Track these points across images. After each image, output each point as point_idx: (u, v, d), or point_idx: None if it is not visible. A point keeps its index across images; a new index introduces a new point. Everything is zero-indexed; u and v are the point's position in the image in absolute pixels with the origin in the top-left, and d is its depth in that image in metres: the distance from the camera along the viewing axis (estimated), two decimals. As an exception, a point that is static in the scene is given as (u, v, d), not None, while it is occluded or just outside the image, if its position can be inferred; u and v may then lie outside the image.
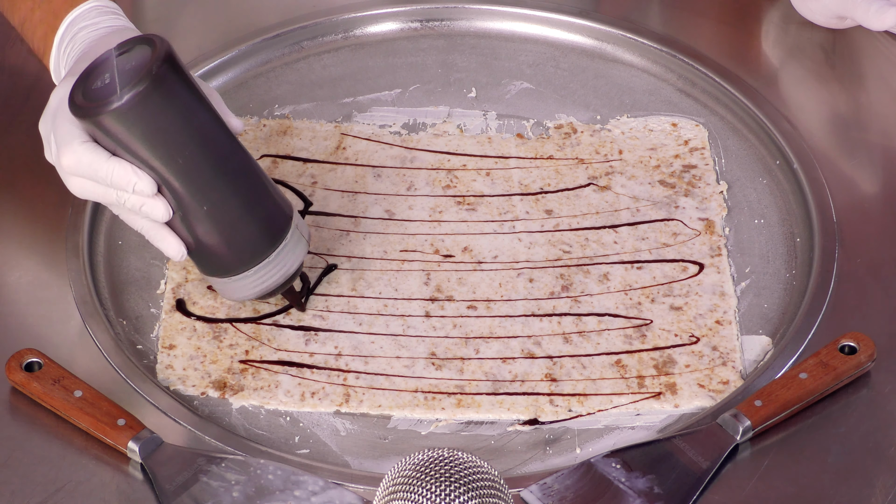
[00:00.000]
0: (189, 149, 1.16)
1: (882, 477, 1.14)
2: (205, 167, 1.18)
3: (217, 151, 1.18)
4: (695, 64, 1.48)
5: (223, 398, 1.23)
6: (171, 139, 1.15)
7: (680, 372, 1.25)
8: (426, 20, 1.54)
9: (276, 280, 1.24)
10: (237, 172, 1.20)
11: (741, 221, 1.36)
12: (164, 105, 1.14)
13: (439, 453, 1.03)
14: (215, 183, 1.18)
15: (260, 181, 1.22)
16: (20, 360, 1.20)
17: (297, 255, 1.24)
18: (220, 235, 1.20)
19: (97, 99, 1.14)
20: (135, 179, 1.16)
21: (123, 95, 1.13)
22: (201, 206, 1.18)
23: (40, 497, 1.13)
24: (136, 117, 1.14)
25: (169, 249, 1.20)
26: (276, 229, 1.22)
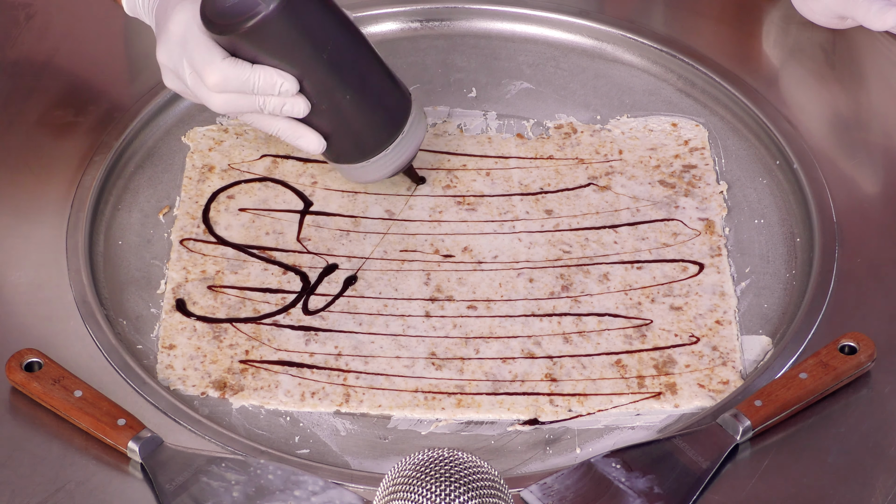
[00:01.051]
0: (332, 42, 1.25)
1: (882, 477, 1.14)
2: (345, 58, 1.26)
3: (353, 43, 1.27)
4: (695, 64, 1.48)
5: (223, 398, 1.23)
6: (314, 39, 1.24)
7: (680, 372, 1.25)
8: (426, 20, 1.54)
9: (408, 155, 1.33)
10: (369, 60, 1.29)
11: (741, 221, 1.36)
12: (304, 8, 1.22)
13: (439, 453, 1.03)
14: (354, 71, 1.27)
15: (384, 65, 1.31)
16: (20, 360, 1.20)
17: (422, 128, 1.34)
18: (360, 121, 1.30)
19: (237, 14, 1.21)
20: (280, 81, 1.23)
21: (269, 3, 1.19)
22: (344, 95, 1.27)
23: (40, 497, 1.13)
24: (286, 22, 1.21)
25: (309, 145, 1.28)
26: (402, 108, 1.32)
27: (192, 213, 1.36)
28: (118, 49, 1.50)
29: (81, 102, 1.44)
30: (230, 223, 1.36)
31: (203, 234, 1.35)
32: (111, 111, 1.43)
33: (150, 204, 1.37)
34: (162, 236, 1.35)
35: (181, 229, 1.35)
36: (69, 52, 1.50)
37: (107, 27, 1.51)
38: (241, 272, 1.32)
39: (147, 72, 1.46)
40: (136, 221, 1.36)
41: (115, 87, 1.45)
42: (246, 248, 1.34)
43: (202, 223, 1.36)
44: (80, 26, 1.52)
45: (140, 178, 1.39)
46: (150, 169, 1.40)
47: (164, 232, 1.35)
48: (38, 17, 1.52)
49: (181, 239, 1.34)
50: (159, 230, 1.35)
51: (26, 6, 1.53)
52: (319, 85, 1.26)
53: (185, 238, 1.34)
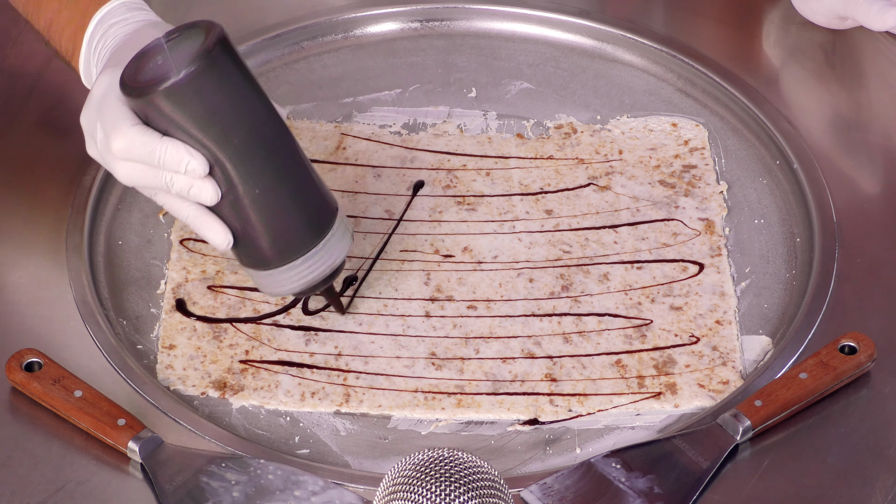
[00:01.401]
0: (244, 128, 1.16)
1: (882, 477, 1.14)
2: (259, 148, 1.17)
3: (270, 133, 1.18)
4: (695, 64, 1.48)
5: (223, 398, 1.23)
6: (227, 118, 1.15)
7: (680, 372, 1.25)
8: (426, 20, 1.54)
9: (322, 272, 1.22)
10: (289, 156, 1.19)
11: (741, 221, 1.36)
12: (221, 82, 1.15)
13: (439, 453, 1.03)
14: (268, 165, 1.18)
15: (308, 168, 1.21)
16: (20, 360, 1.20)
17: (342, 247, 1.23)
18: (270, 221, 1.19)
19: (152, 79, 1.14)
20: (188, 158, 1.15)
21: (181, 71, 1.13)
22: (254, 188, 1.17)
23: (40, 497, 1.13)
24: (195, 93, 1.14)
25: (216, 237, 1.19)
26: (323, 218, 1.21)
27: (192, 213, 1.36)
28: (118, 49, 1.50)
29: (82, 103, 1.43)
30: (230, 223, 1.36)
31: (203, 234, 1.35)
32: (111, 111, 1.42)
33: (150, 204, 1.37)
34: (162, 236, 1.35)
35: (181, 229, 1.35)
36: (69, 52, 1.50)
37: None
38: (241, 272, 1.32)
39: (147, 72, 1.46)
40: (136, 221, 1.36)
41: (115, 87, 1.45)
42: (245, 252, 1.34)
43: (202, 223, 1.36)
44: (80, 26, 1.52)
45: (140, 178, 1.39)
46: (150, 169, 1.40)
47: (164, 232, 1.35)
48: (38, 17, 1.52)
49: (181, 239, 1.34)
50: (159, 230, 1.35)
51: (26, 6, 1.53)
52: (229, 170, 1.16)
53: (185, 238, 1.34)
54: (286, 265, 1.21)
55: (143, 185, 1.19)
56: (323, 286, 1.24)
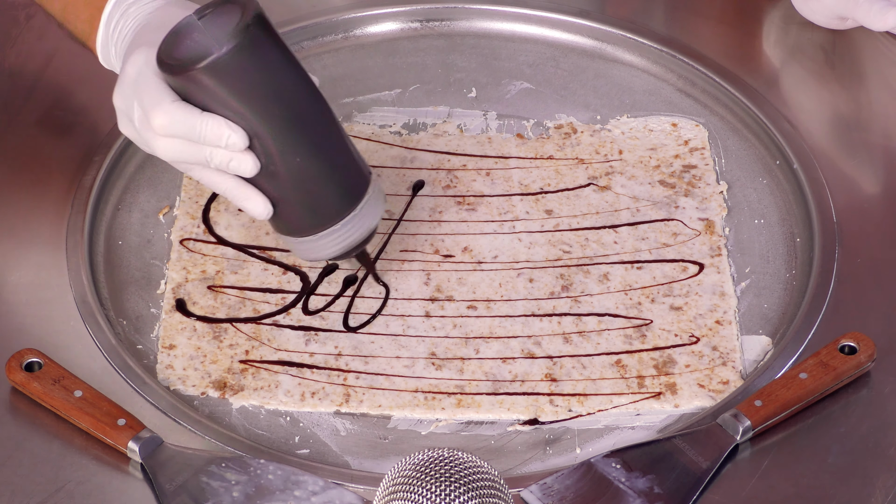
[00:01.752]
0: (284, 101, 1.17)
1: (882, 477, 1.14)
2: (299, 119, 1.18)
3: (309, 104, 1.19)
4: (695, 64, 1.48)
5: (223, 398, 1.23)
6: (268, 91, 1.16)
7: (680, 372, 1.25)
8: (426, 20, 1.54)
9: (359, 236, 1.23)
10: (327, 125, 1.20)
11: (741, 221, 1.36)
12: (261, 57, 1.15)
13: (439, 453, 1.03)
14: (307, 135, 1.19)
15: (344, 137, 1.22)
16: (20, 360, 1.20)
17: (377, 211, 1.24)
18: (309, 190, 1.20)
19: (190, 56, 1.15)
20: (228, 132, 1.16)
21: (223, 46, 1.13)
22: (294, 157, 1.18)
23: (40, 497, 1.13)
24: (237, 68, 1.14)
25: (255, 208, 1.20)
26: (359, 184, 1.22)
27: (192, 213, 1.36)
28: (118, 49, 1.50)
29: (81, 102, 1.44)
30: (230, 223, 1.36)
31: (203, 234, 1.35)
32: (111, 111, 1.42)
33: (150, 204, 1.37)
34: (162, 236, 1.35)
35: (181, 229, 1.35)
36: (69, 52, 1.50)
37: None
38: (241, 272, 1.32)
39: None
40: (136, 221, 1.36)
41: (115, 87, 1.45)
42: (246, 248, 1.34)
43: (202, 223, 1.36)
44: (80, 26, 1.52)
45: (140, 178, 1.39)
46: (150, 169, 1.40)
47: (164, 232, 1.35)
48: (38, 17, 1.52)
49: (181, 239, 1.34)
50: (159, 230, 1.35)
51: (26, 6, 1.53)
52: (269, 142, 1.17)
53: (185, 238, 1.34)
54: (324, 231, 1.22)
55: (183, 161, 1.19)
56: (358, 251, 1.25)
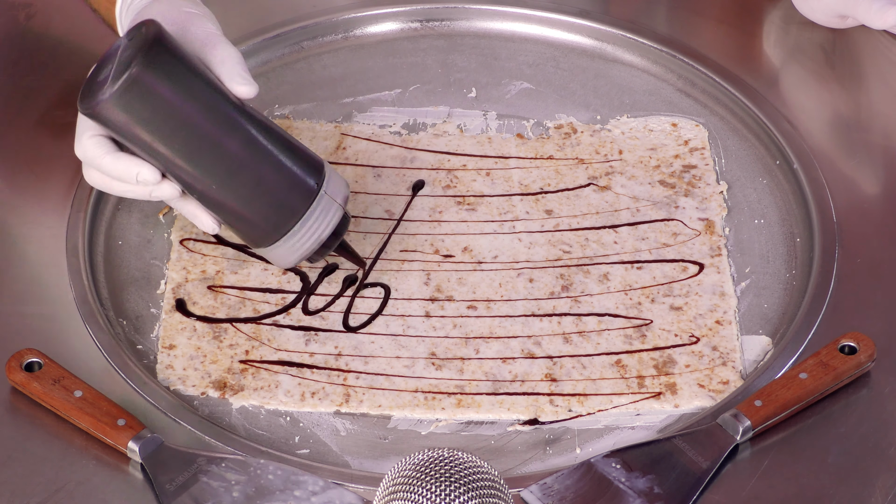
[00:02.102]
0: (184, 132, 1.17)
1: (882, 477, 1.14)
2: (204, 148, 1.18)
3: (216, 130, 1.18)
4: (695, 64, 1.48)
5: (223, 398, 1.23)
6: (163, 126, 1.16)
7: (680, 372, 1.25)
8: (426, 20, 1.54)
9: (319, 236, 1.24)
10: (243, 147, 1.20)
11: (741, 221, 1.36)
12: (150, 94, 1.15)
13: (439, 453, 1.03)
14: (218, 162, 1.19)
15: (276, 141, 1.21)
16: (20, 360, 1.20)
17: (329, 219, 1.24)
18: (238, 211, 1.22)
19: (96, 92, 1.16)
20: (136, 170, 1.18)
21: (107, 89, 1.14)
22: (209, 185, 1.20)
23: (40, 497, 1.13)
24: (125, 109, 1.15)
25: (202, 225, 1.23)
26: (305, 183, 1.22)
27: (192, 213, 1.36)
28: (118, 49, 1.50)
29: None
30: (230, 223, 1.36)
31: (203, 234, 1.35)
32: (111, 111, 1.43)
33: (150, 204, 1.37)
34: (162, 236, 1.35)
35: (181, 229, 1.35)
36: (69, 52, 1.50)
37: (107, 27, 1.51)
38: (241, 272, 1.32)
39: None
40: (136, 221, 1.36)
41: (115, 87, 1.45)
42: (246, 248, 1.34)
43: (202, 223, 1.36)
44: (80, 26, 1.52)
45: (140, 178, 1.39)
46: (150, 169, 1.40)
47: (164, 232, 1.35)
48: (38, 17, 1.52)
49: (181, 239, 1.34)
50: (159, 230, 1.35)
51: (26, 6, 1.53)
52: (179, 174, 1.19)
53: (185, 238, 1.34)
54: (282, 238, 1.23)
55: (106, 191, 1.23)
56: (333, 245, 1.25)
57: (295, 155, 1.23)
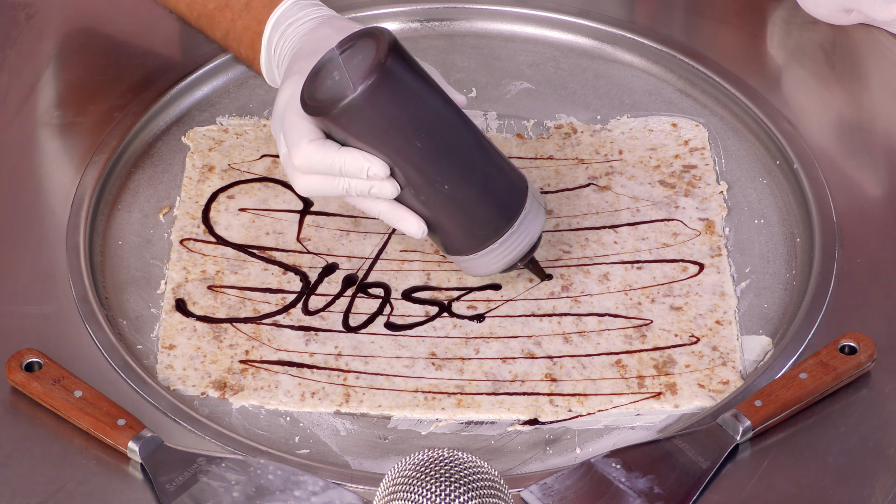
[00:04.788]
0: (426, 132, 1.18)
1: (882, 477, 1.14)
2: (443, 148, 1.19)
3: (452, 130, 1.20)
4: (695, 64, 1.48)
5: (223, 398, 1.23)
6: (407, 125, 1.17)
7: (680, 372, 1.25)
8: (426, 20, 1.54)
9: (522, 249, 1.24)
10: (473, 148, 1.21)
11: (741, 221, 1.36)
12: (397, 93, 1.16)
13: (439, 453, 1.03)
14: (454, 162, 1.19)
15: (494, 154, 1.23)
16: (20, 360, 1.20)
17: (538, 222, 1.25)
18: (463, 213, 1.22)
19: (330, 96, 1.16)
20: (367, 164, 1.18)
21: (357, 87, 1.14)
22: (442, 186, 1.19)
23: (40, 497, 1.13)
24: (372, 109, 1.15)
25: (410, 229, 1.22)
26: (514, 198, 1.23)
27: (192, 213, 1.36)
28: (118, 49, 1.50)
29: (81, 102, 1.44)
30: (230, 223, 1.36)
31: (203, 234, 1.35)
32: (111, 111, 1.43)
33: (150, 204, 1.37)
34: (162, 236, 1.35)
35: (181, 229, 1.35)
36: (69, 52, 1.50)
37: (107, 27, 1.51)
38: (241, 272, 1.32)
39: (146, 72, 1.46)
40: (136, 221, 1.36)
41: (116, 87, 1.45)
42: (246, 248, 1.34)
43: (202, 223, 1.36)
44: (79, 26, 1.52)
45: (140, 178, 1.39)
46: (150, 169, 1.40)
47: (164, 232, 1.35)
48: (38, 17, 1.52)
49: (181, 239, 1.34)
50: (159, 230, 1.35)
51: (26, 6, 1.53)
52: (413, 173, 1.19)
53: (185, 238, 1.34)
54: (484, 249, 1.23)
55: (322, 195, 1.22)
56: (525, 260, 1.26)
57: (505, 159, 1.24)
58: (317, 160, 1.19)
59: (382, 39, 1.16)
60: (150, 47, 1.42)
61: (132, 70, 1.48)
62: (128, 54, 1.49)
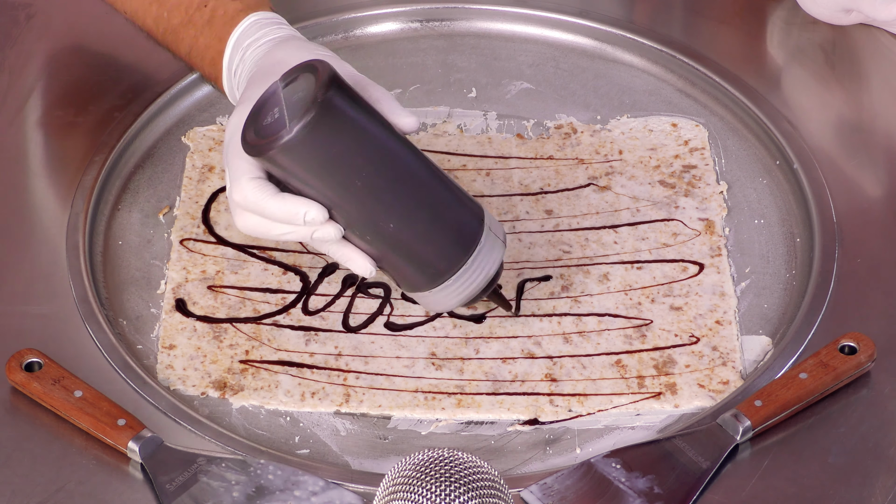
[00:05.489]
0: (366, 170, 1.13)
1: (882, 477, 1.14)
2: (385, 185, 1.14)
3: (396, 166, 1.15)
4: (695, 64, 1.48)
5: (223, 398, 1.23)
6: (345, 165, 1.13)
7: (680, 372, 1.25)
8: (426, 20, 1.54)
9: (479, 285, 1.20)
10: (419, 183, 1.16)
11: (741, 221, 1.36)
12: (334, 132, 1.11)
13: (439, 453, 1.03)
14: (398, 199, 1.15)
15: (445, 187, 1.18)
16: (20, 360, 1.20)
17: (495, 255, 1.20)
18: (411, 251, 1.18)
19: (268, 135, 1.11)
20: (304, 210, 1.14)
21: (293, 128, 1.10)
22: (387, 224, 1.15)
23: (40, 497, 1.13)
24: (309, 149, 1.11)
25: (357, 269, 1.18)
26: (468, 233, 1.19)
27: (192, 213, 1.36)
28: (118, 49, 1.50)
29: (81, 102, 1.44)
30: (230, 223, 1.36)
31: (203, 234, 1.35)
32: (111, 111, 1.43)
33: (150, 204, 1.37)
34: (162, 236, 1.35)
35: (181, 229, 1.35)
36: (69, 52, 1.50)
37: (107, 27, 1.51)
38: (241, 272, 1.32)
39: (147, 72, 1.46)
40: (136, 221, 1.36)
41: (116, 87, 1.45)
42: (246, 248, 1.34)
43: (202, 223, 1.36)
44: (80, 26, 1.52)
45: (140, 178, 1.39)
46: (150, 169, 1.40)
47: (164, 232, 1.35)
48: (38, 17, 1.52)
49: (181, 239, 1.34)
50: (159, 230, 1.35)
51: (26, 6, 1.53)
52: (355, 213, 1.15)
53: (185, 238, 1.34)
54: (437, 287, 1.20)
55: (263, 236, 1.18)
56: (483, 295, 1.22)
57: (458, 190, 1.20)
58: (252, 200, 1.15)
59: (320, 74, 1.11)
60: (151, 47, 1.42)
61: (132, 70, 1.48)
62: (128, 54, 1.49)
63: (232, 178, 1.17)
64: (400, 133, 1.17)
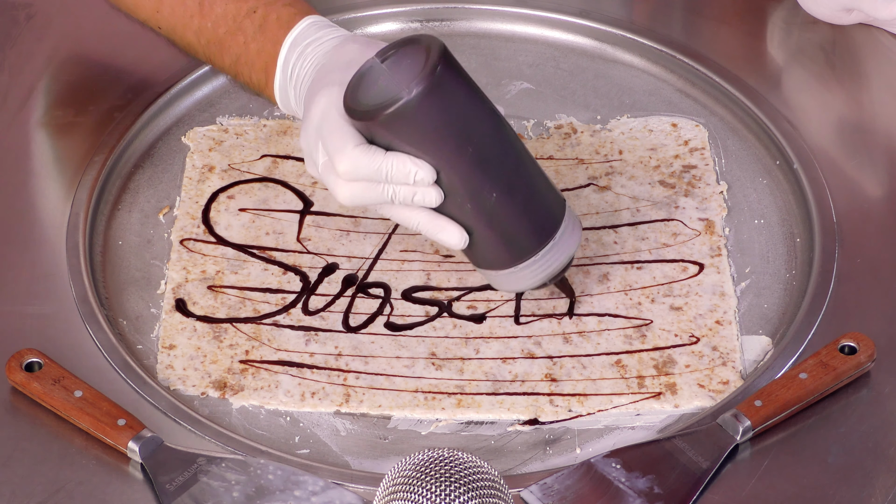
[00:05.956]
0: (476, 139, 1.15)
1: (882, 477, 1.14)
2: (492, 157, 1.17)
3: (500, 140, 1.17)
4: (695, 64, 1.48)
5: (223, 398, 1.23)
6: (458, 132, 1.15)
7: (680, 372, 1.25)
8: (426, 20, 1.54)
9: (559, 264, 1.22)
10: (519, 159, 1.19)
11: (741, 221, 1.36)
12: (450, 98, 1.14)
13: (439, 453, 1.03)
14: (502, 171, 1.17)
15: (537, 168, 1.21)
16: (20, 360, 1.20)
17: (574, 240, 1.22)
18: (506, 225, 1.19)
19: (378, 101, 1.13)
20: (414, 169, 1.15)
21: (412, 90, 1.12)
22: (490, 195, 1.17)
23: (40, 497, 1.13)
24: (426, 112, 1.13)
25: (450, 239, 1.19)
26: (554, 212, 1.21)
27: (192, 213, 1.36)
28: (118, 49, 1.50)
29: (81, 102, 1.44)
30: (230, 223, 1.36)
31: (203, 234, 1.35)
32: (111, 111, 1.43)
33: (150, 204, 1.37)
34: (162, 236, 1.35)
35: (181, 229, 1.35)
36: (69, 52, 1.50)
37: (107, 27, 1.51)
38: (241, 272, 1.32)
39: (147, 72, 1.46)
40: (136, 221, 1.36)
41: (115, 88, 1.45)
42: (246, 248, 1.34)
43: (202, 223, 1.36)
44: (80, 26, 1.52)
45: (140, 178, 1.40)
46: (150, 169, 1.40)
47: (164, 232, 1.35)
48: (38, 17, 1.52)
49: (181, 239, 1.34)
50: (159, 230, 1.35)
51: (26, 6, 1.53)
52: (462, 181, 1.16)
53: (185, 238, 1.34)
54: (523, 263, 1.21)
55: (367, 203, 1.19)
56: (558, 278, 1.24)
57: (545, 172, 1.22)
58: (363, 164, 1.16)
59: (433, 45, 1.14)
60: (151, 47, 1.42)
61: (132, 70, 1.48)
62: (128, 54, 1.49)
63: (334, 150, 1.17)
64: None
